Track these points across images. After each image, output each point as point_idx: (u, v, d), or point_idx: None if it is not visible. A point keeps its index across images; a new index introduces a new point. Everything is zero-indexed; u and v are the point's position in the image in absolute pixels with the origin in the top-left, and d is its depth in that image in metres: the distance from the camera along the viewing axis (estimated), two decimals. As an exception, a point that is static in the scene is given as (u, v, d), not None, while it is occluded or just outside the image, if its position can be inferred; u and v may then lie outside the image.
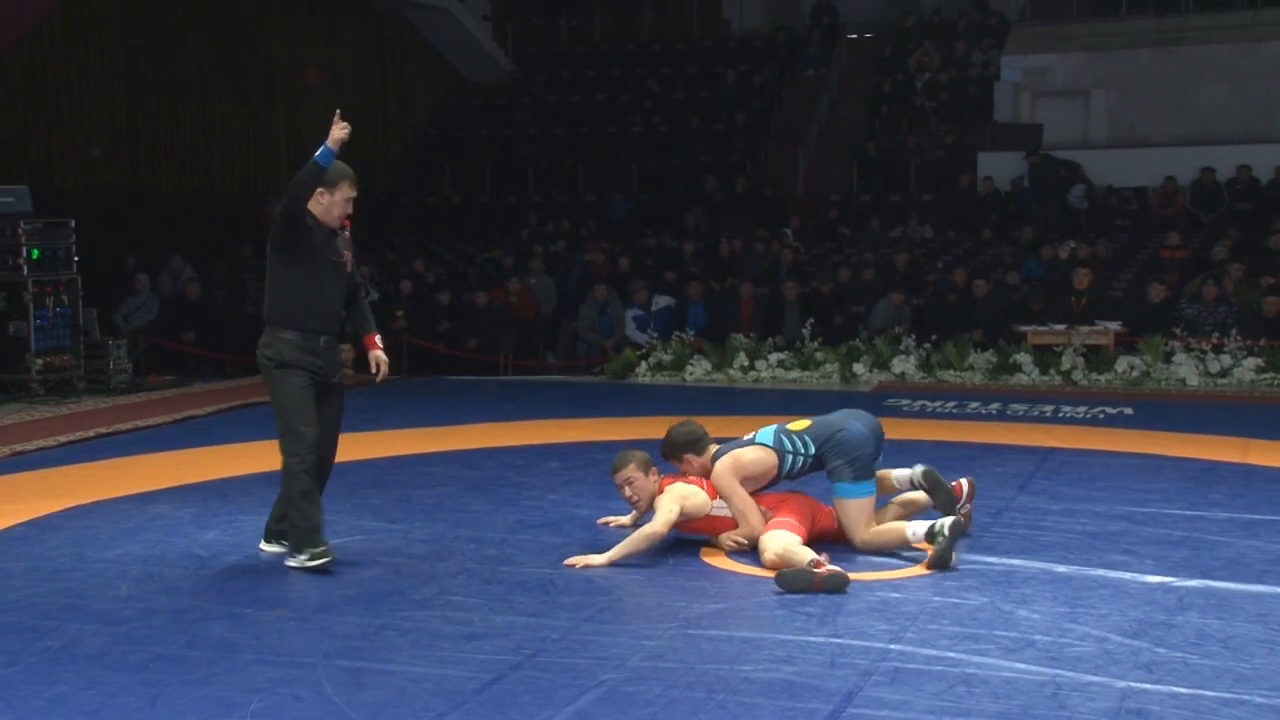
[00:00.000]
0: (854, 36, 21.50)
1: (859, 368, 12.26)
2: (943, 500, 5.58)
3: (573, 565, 5.25)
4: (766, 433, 5.70)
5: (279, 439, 5.47)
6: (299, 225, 5.47)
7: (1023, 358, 11.96)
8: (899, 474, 5.75)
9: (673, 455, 5.76)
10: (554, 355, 14.25)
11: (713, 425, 9.30)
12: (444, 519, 6.22)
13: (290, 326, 5.52)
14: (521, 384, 12.42)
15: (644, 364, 12.85)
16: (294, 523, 5.32)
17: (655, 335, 13.31)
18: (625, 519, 5.98)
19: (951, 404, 10.44)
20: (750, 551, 5.42)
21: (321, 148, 5.32)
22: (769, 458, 5.58)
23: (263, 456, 8.06)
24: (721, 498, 5.52)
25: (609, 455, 8.02)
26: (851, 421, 5.61)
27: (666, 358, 12.84)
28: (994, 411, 10.02)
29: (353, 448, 8.33)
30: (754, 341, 12.88)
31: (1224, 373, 11.48)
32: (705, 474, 5.65)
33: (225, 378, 12.85)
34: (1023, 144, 17.67)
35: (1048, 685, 3.79)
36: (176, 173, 16.53)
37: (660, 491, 5.58)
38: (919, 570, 5.15)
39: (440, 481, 7.24)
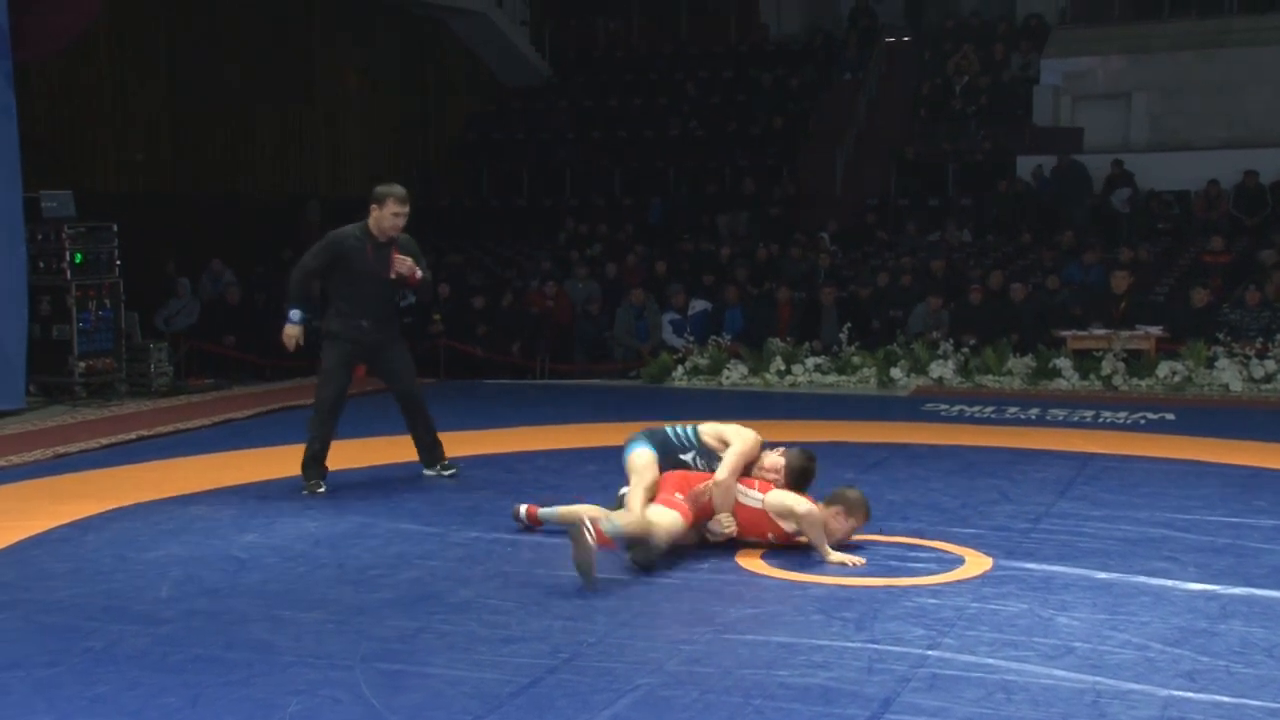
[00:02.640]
0: (892, 40, 21.40)
1: (896, 372, 12.20)
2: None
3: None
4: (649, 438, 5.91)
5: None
6: (325, 274, 7.03)
7: (1062, 362, 11.86)
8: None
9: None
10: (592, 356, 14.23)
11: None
12: (480, 523, 6.23)
13: (334, 314, 7.00)
14: (558, 388, 12.44)
15: (680, 368, 12.84)
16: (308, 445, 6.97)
17: (692, 339, 13.30)
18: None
19: (990, 409, 10.37)
20: (786, 556, 5.42)
21: (297, 313, 6.95)
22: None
23: (300, 459, 8.12)
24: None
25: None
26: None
27: (703, 362, 12.82)
28: (1033, 417, 9.94)
29: (388, 451, 8.38)
30: (791, 346, 12.84)
31: (1268, 378, 11.34)
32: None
33: (265, 381, 12.93)
34: (1063, 147, 17.55)
35: (1088, 693, 3.75)
36: (216, 176, 16.66)
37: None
38: (958, 575, 5.12)
39: (477, 485, 7.26)
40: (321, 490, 6.92)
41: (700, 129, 19.76)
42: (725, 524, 5.56)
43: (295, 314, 6.90)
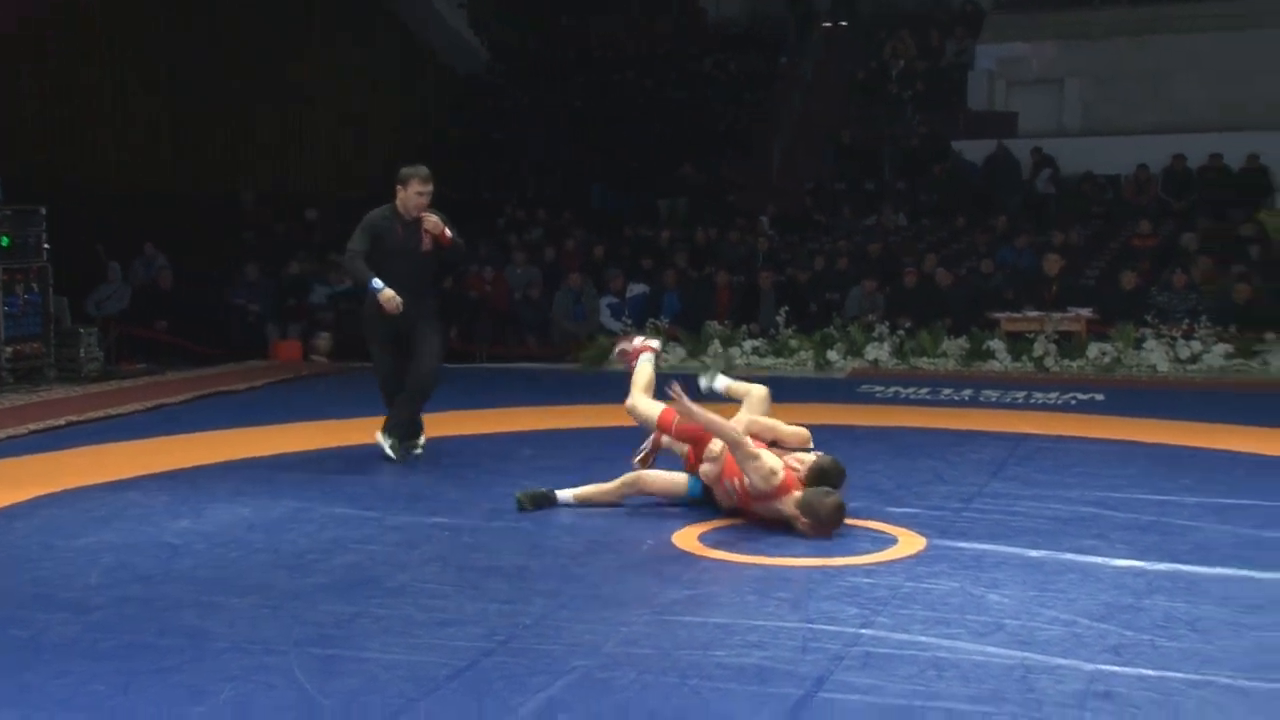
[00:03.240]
0: (829, 25, 21.50)
1: (833, 355, 12.30)
2: None
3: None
4: None
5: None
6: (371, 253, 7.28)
7: (995, 344, 12.02)
8: None
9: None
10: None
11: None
12: (419, 506, 6.21)
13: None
14: (496, 372, 12.41)
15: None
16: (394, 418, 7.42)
17: (630, 322, 13.31)
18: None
19: (925, 390, 10.49)
20: (723, 537, 5.46)
21: (380, 283, 7.15)
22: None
23: (236, 444, 8.05)
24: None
25: (583, 442, 8.07)
26: None
27: (641, 345, 12.83)
28: (967, 398, 10.07)
29: (327, 435, 8.33)
30: (728, 329, 12.90)
31: (1194, 359, 11.57)
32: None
33: (198, 366, 12.77)
34: (997, 132, 17.74)
35: (1017, 668, 3.81)
36: (152, 163, 16.38)
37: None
38: (891, 555, 5.18)
39: (415, 469, 7.24)
40: (418, 451, 7.51)
41: (640, 113, 19.74)
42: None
43: (376, 282, 7.11)
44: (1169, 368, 11.52)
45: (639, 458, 6.29)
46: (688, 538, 5.51)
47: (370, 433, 7.51)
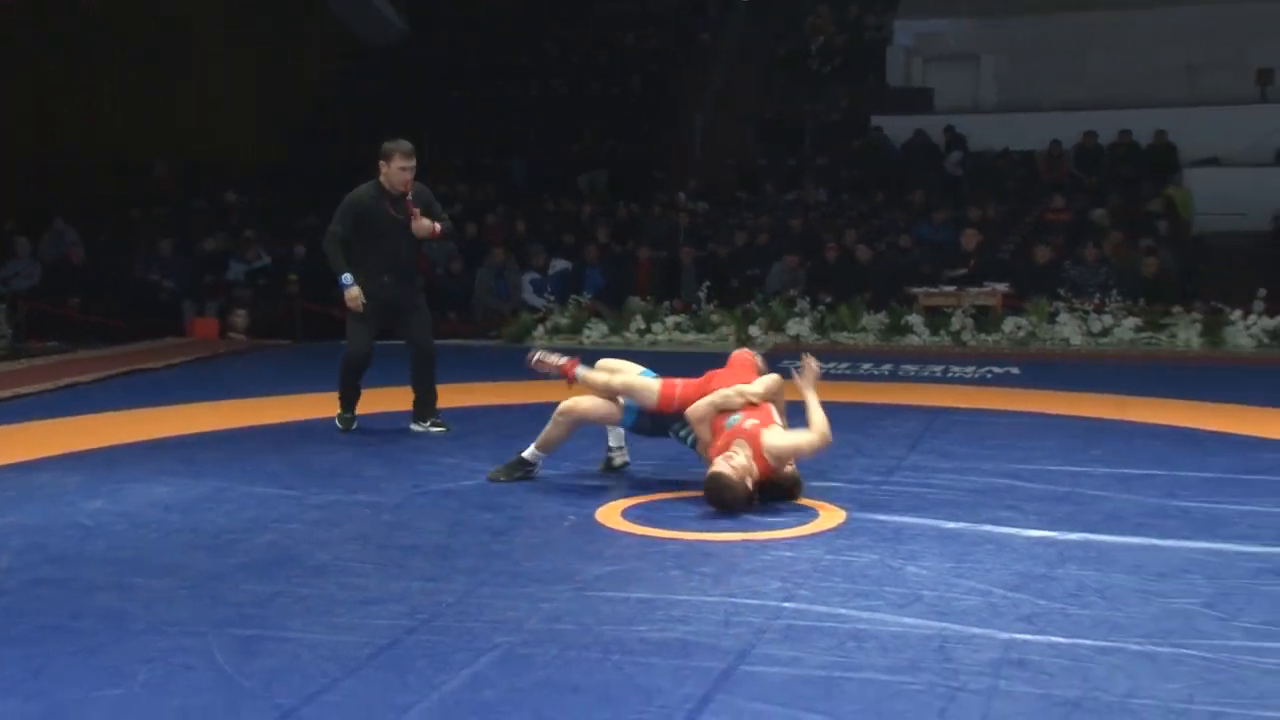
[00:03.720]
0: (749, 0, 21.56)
1: (755, 330, 12.39)
2: None
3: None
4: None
5: None
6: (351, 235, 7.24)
7: (914, 319, 12.18)
8: None
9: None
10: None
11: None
12: (340, 484, 6.16)
13: (360, 269, 7.20)
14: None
15: (541, 328, 12.84)
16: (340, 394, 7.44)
17: (552, 298, 13.30)
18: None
19: (845, 365, 10.61)
20: (651, 514, 5.49)
21: (349, 278, 7.24)
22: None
23: (153, 423, 7.92)
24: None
25: (506, 419, 8.06)
26: None
27: (564, 321, 12.85)
28: (886, 372, 10.20)
29: (246, 413, 8.23)
30: (651, 304, 12.93)
31: (1105, 332, 11.83)
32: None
33: (111, 343, 12.53)
34: (915, 108, 17.92)
35: (934, 638, 3.88)
36: (61, 134, 16.01)
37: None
38: (812, 528, 5.24)
39: (336, 447, 7.18)
40: (351, 428, 7.53)
41: (562, 88, 19.66)
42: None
43: (346, 278, 7.15)
44: (1081, 341, 11.77)
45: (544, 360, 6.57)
46: (611, 513, 5.53)
47: (294, 409, 7.46)
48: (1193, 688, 3.46)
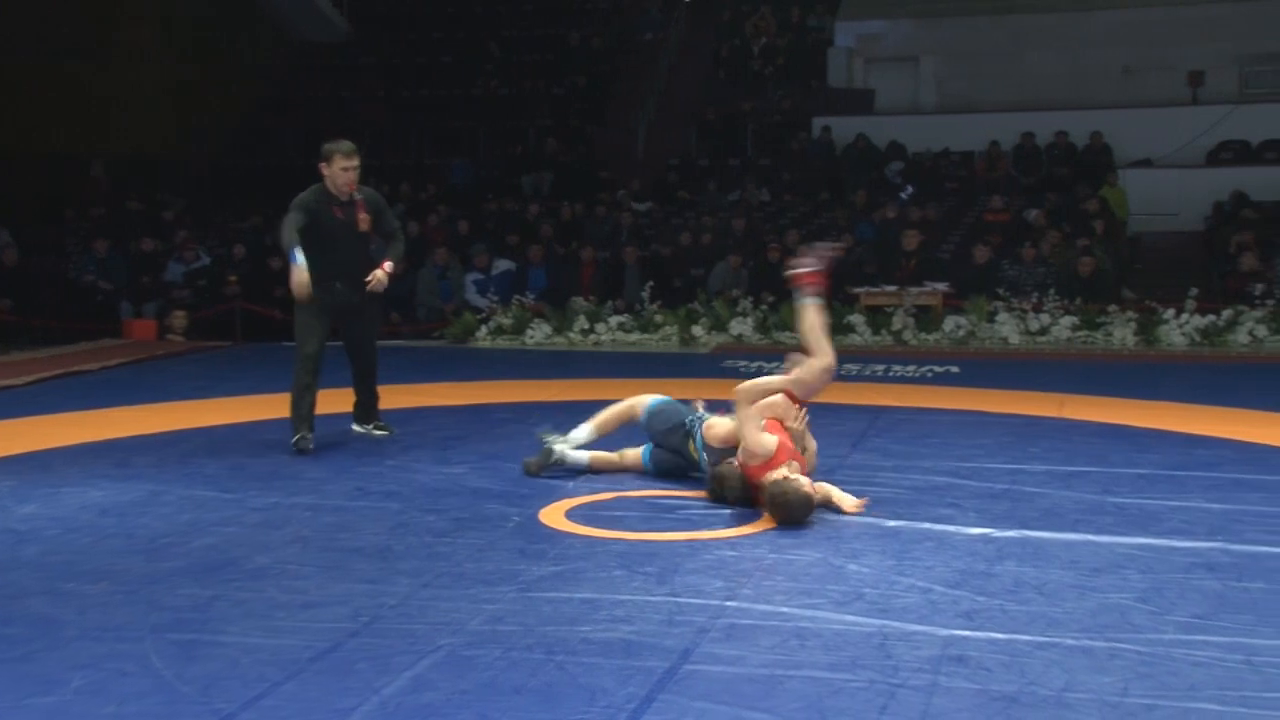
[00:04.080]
0: (691, 0, 21.62)
1: (697, 330, 12.41)
2: None
3: None
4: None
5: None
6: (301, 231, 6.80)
7: (856, 319, 12.27)
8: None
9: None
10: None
11: (554, 389, 9.35)
12: (280, 487, 6.10)
13: (311, 271, 6.72)
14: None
15: (484, 328, 12.80)
16: (292, 407, 6.92)
17: (495, 299, 13.25)
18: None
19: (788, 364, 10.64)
20: (594, 514, 5.48)
21: (299, 255, 6.70)
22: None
23: (89, 426, 7.80)
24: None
25: (448, 420, 8.02)
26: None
27: (506, 322, 12.81)
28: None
29: (184, 416, 8.12)
30: (594, 305, 12.93)
31: (1043, 331, 11.98)
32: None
33: (46, 345, 12.33)
34: (856, 109, 18.05)
35: (875, 636, 3.91)
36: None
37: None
38: (755, 528, 5.26)
39: (276, 449, 7.09)
40: (309, 448, 6.88)
41: (504, 88, 19.60)
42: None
43: (297, 253, 6.67)
44: (1020, 340, 11.91)
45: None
46: (554, 514, 5.52)
47: (234, 411, 7.36)
48: (1127, 680, 3.51)
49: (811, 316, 5.96)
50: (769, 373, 6.22)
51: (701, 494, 5.82)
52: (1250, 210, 14.67)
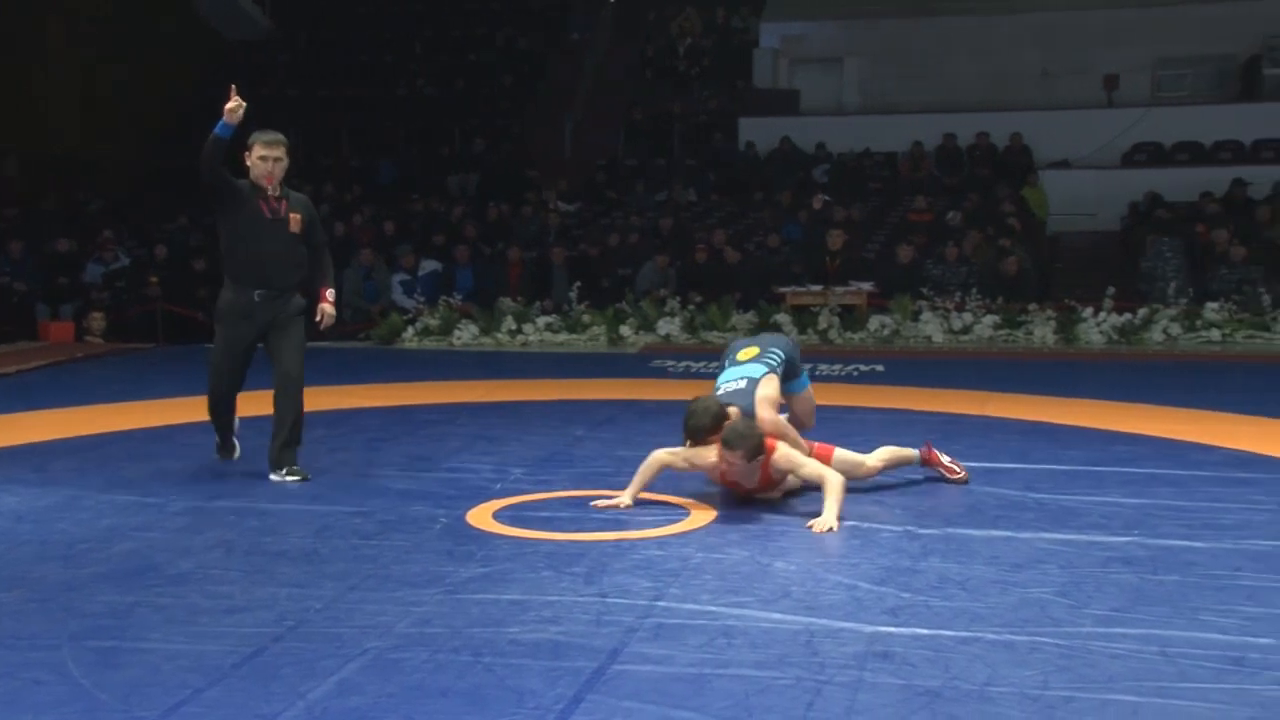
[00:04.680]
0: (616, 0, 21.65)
1: (625, 330, 12.43)
2: None
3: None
4: (750, 369, 5.90)
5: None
6: (219, 189, 6.20)
7: (782, 318, 12.35)
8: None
9: (709, 434, 5.57)
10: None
11: (482, 390, 9.32)
12: (202, 491, 6.02)
13: (229, 281, 6.27)
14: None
15: (410, 329, 12.71)
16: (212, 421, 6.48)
17: (422, 300, 13.17)
18: (622, 498, 5.61)
19: (715, 364, 10.66)
20: (522, 515, 5.47)
21: (219, 122, 6.02)
22: (777, 385, 5.90)
23: (2, 430, 7.64)
24: (778, 438, 5.58)
25: (375, 422, 7.95)
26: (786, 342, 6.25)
27: (434, 322, 12.74)
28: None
29: (105, 419, 7.98)
30: (522, 305, 12.89)
31: (966, 330, 12.14)
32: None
33: (-41, 348, 12.06)
34: (781, 109, 18.17)
35: (802, 633, 3.95)
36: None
37: (770, 456, 5.45)
38: (683, 527, 5.28)
39: (199, 452, 6.99)
40: (235, 456, 6.71)
41: (429, 88, 19.49)
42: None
43: (223, 124, 6.03)
44: (943, 339, 12.06)
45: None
46: (482, 515, 5.50)
47: (156, 414, 7.23)
48: (1047, 674, 3.58)
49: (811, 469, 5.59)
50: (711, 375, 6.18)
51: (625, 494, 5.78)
52: (1164, 211, 14.99)
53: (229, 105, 6.04)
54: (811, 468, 5.50)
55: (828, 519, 5.22)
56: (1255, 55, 17.69)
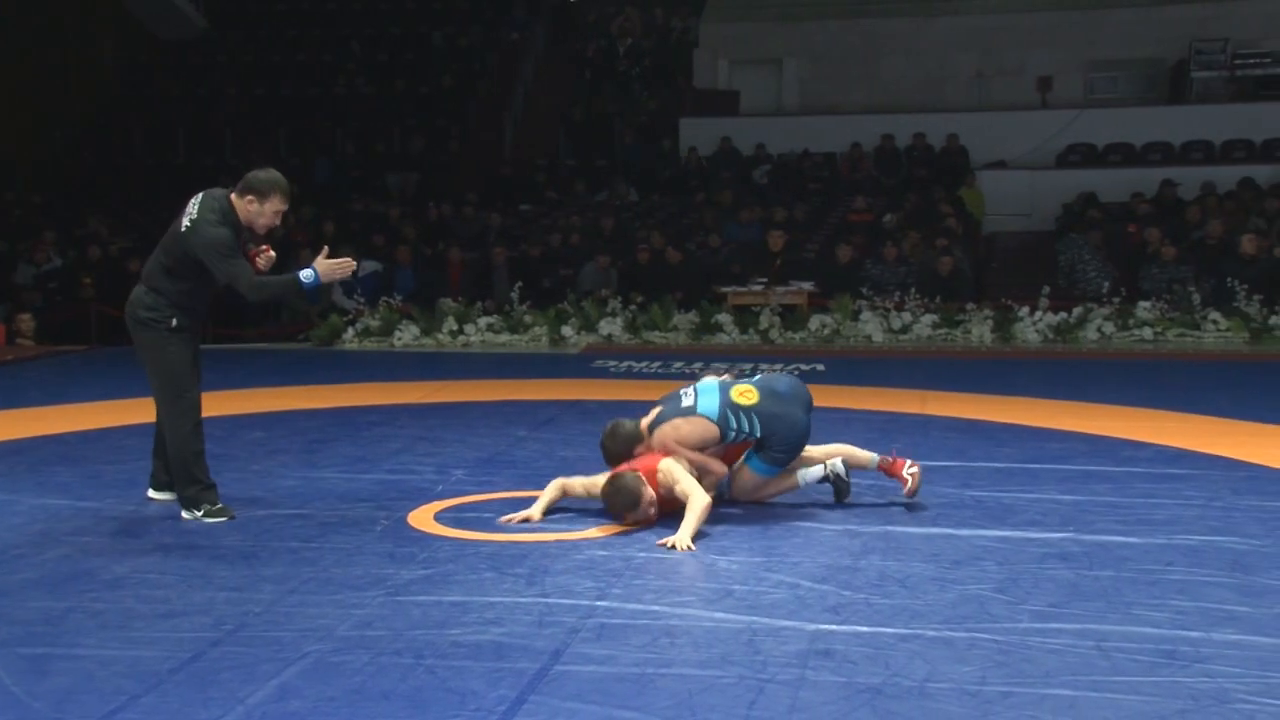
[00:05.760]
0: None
1: (567, 330, 12.42)
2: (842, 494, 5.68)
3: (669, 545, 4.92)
4: (710, 401, 5.46)
5: (164, 400, 5.57)
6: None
7: (724, 318, 12.40)
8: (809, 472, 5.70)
9: (624, 457, 5.50)
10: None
11: (423, 391, 9.27)
12: (138, 495, 5.92)
13: (181, 308, 5.51)
14: (222, 352, 11.96)
15: (351, 330, 12.62)
16: (188, 471, 5.49)
17: (362, 300, 13.08)
18: (531, 512, 5.41)
19: (657, 364, 10.73)
20: (464, 517, 5.45)
21: (311, 272, 5.45)
22: (710, 431, 5.42)
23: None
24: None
25: (315, 423, 7.89)
26: (799, 412, 5.53)
27: (374, 323, 12.65)
28: (697, 370, 10.34)
29: (37, 422, 7.85)
30: (463, 305, 12.84)
31: (904, 329, 12.25)
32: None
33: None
34: (721, 110, 18.23)
35: (744, 632, 3.97)
36: None
37: (653, 476, 5.29)
38: (625, 527, 5.28)
39: (134, 456, 6.88)
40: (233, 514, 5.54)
41: (368, 87, 19.35)
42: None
43: (306, 273, 5.47)
44: (883, 338, 12.16)
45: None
46: (423, 517, 5.48)
47: (89, 417, 7.10)
48: (985, 669, 3.62)
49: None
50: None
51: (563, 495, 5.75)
52: (1096, 211, 15.22)
53: (329, 266, 5.49)
54: (685, 485, 5.21)
55: (681, 537, 4.93)
56: (1183, 59, 18.02)
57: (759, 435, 5.47)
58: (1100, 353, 11.74)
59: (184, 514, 5.51)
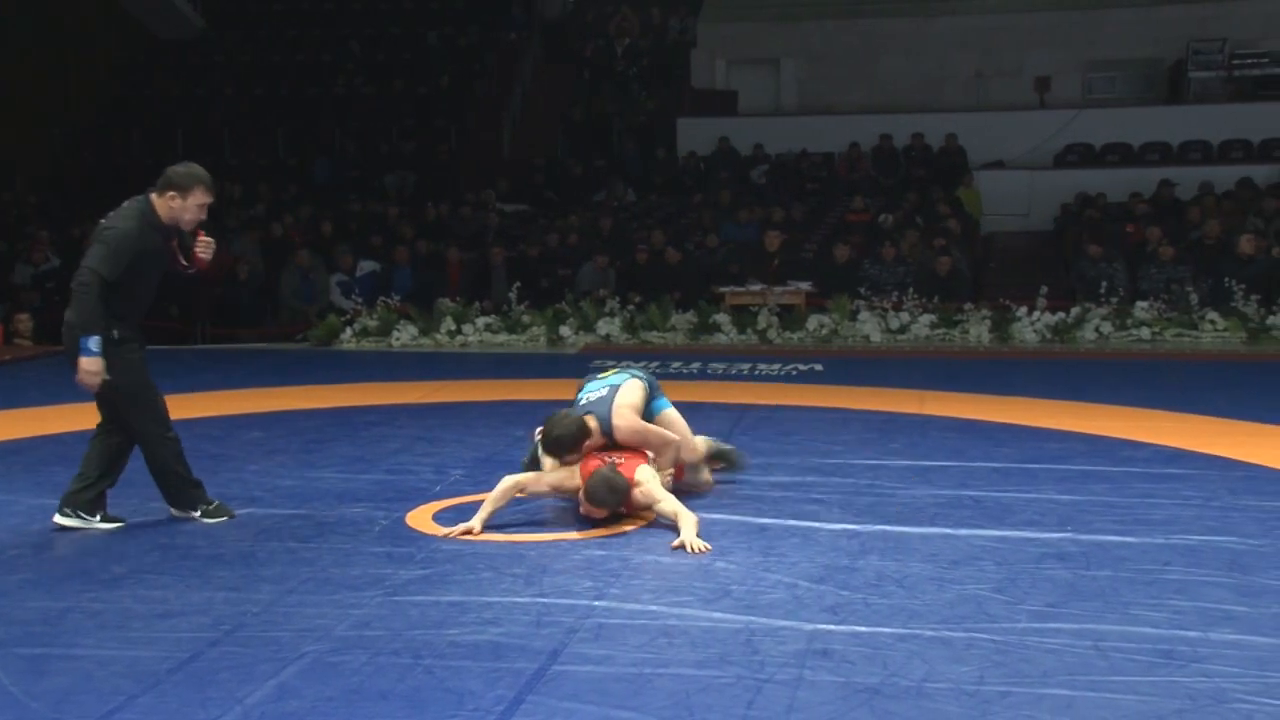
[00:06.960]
0: (555, -1, 21.61)
1: (565, 330, 12.41)
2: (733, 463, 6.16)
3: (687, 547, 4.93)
4: (620, 374, 5.87)
5: (132, 413, 5.49)
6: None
7: (721, 318, 12.40)
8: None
9: (570, 452, 5.49)
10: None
11: (421, 391, 9.27)
12: (136, 494, 5.91)
13: (118, 318, 5.38)
14: (219, 353, 11.97)
15: (349, 330, 12.61)
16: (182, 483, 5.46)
17: (360, 300, 13.07)
18: (472, 524, 5.25)
19: (655, 364, 10.72)
20: (463, 517, 5.45)
21: (97, 340, 5.24)
22: (642, 387, 5.79)
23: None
24: (640, 442, 5.53)
25: (313, 424, 7.88)
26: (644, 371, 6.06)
27: (372, 323, 12.64)
28: (695, 370, 10.36)
29: (35, 422, 7.84)
30: (461, 306, 12.83)
31: (902, 329, 12.25)
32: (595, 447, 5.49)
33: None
34: (719, 110, 18.22)
35: (742, 632, 3.97)
36: None
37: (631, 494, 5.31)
38: (624, 527, 5.28)
39: (131, 455, 6.87)
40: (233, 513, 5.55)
41: (366, 86, 19.34)
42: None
43: (93, 343, 5.31)
44: (881, 338, 12.16)
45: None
46: (421, 517, 5.48)
47: (86, 417, 7.04)
48: (983, 669, 3.63)
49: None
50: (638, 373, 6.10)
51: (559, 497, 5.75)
52: (1094, 211, 15.22)
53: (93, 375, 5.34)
54: (667, 505, 5.21)
55: (689, 539, 4.93)
56: (1181, 59, 18.02)
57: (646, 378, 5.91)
58: (1098, 353, 11.74)
59: (174, 512, 5.52)
